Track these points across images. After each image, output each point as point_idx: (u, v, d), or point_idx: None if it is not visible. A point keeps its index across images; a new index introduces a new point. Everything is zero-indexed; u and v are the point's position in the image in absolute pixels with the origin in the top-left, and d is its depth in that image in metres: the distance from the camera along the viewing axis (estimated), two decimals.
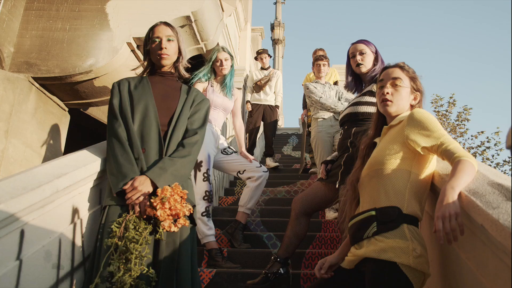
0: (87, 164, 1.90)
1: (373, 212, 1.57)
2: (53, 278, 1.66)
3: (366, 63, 2.62)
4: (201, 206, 3.20)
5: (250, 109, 6.35)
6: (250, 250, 3.40)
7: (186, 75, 2.33)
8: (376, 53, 2.65)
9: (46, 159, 4.11)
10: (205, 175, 3.24)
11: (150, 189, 1.86)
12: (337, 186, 2.53)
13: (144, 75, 2.27)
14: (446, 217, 1.31)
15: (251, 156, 3.57)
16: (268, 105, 6.39)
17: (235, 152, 3.57)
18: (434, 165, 1.70)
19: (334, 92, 4.57)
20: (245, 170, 3.48)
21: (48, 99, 4.19)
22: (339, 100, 4.49)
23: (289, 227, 2.70)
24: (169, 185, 1.81)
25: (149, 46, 2.22)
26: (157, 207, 1.74)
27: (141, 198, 1.82)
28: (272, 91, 6.42)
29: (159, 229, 1.81)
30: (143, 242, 1.73)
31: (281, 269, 2.66)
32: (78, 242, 1.87)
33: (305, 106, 6.06)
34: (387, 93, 1.80)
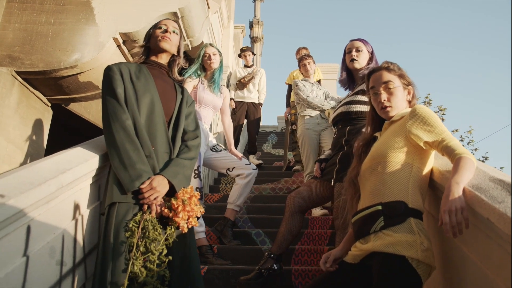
0: (88, 159, 1.88)
1: (379, 207, 1.61)
2: (56, 275, 1.64)
3: (361, 60, 2.67)
4: None
5: (233, 106, 6.35)
6: (240, 246, 3.42)
7: (179, 78, 2.32)
8: (372, 54, 2.70)
9: (28, 155, 4.02)
10: (196, 172, 3.24)
11: (167, 190, 1.86)
12: (332, 183, 2.57)
13: (139, 63, 2.22)
14: (452, 211, 1.36)
15: (240, 154, 3.60)
16: (252, 102, 6.42)
17: (225, 149, 3.58)
18: (433, 160, 1.75)
19: (321, 92, 4.63)
20: (234, 167, 3.50)
21: (31, 94, 4.09)
22: (326, 99, 4.56)
23: (283, 224, 2.73)
24: (184, 187, 1.83)
25: (152, 31, 2.23)
26: (179, 209, 1.74)
27: (159, 199, 1.82)
28: (256, 88, 6.45)
29: (172, 229, 1.81)
30: (163, 243, 1.74)
31: (274, 265, 2.69)
32: (80, 238, 1.84)
33: (288, 104, 6.11)
34: (384, 99, 1.84)
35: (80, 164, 1.80)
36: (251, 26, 14.14)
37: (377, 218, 1.60)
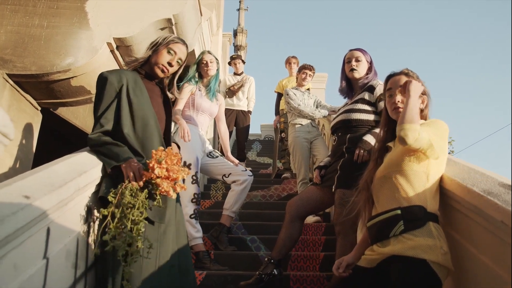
0: (100, 162, 1.88)
1: (398, 211, 1.66)
2: (71, 278, 1.63)
3: (360, 70, 2.75)
4: (190, 208, 3.20)
5: None
6: (236, 252, 3.43)
7: (171, 95, 2.37)
8: (371, 63, 2.78)
9: (18, 158, 3.95)
10: (194, 177, 3.24)
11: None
12: (333, 190, 2.62)
13: (135, 70, 2.25)
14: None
15: (236, 160, 3.61)
16: (241, 110, 6.44)
17: (221, 155, 3.60)
18: (444, 168, 1.81)
19: (312, 101, 4.70)
20: (230, 173, 3.51)
21: (22, 97, 4.03)
22: (317, 108, 4.63)
23: (283, 229, 2.76)
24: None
25: (160, 47, 2.21)
26: (154, 167, 1.72)
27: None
28: (245, 96, 6.48)
29: (157, 196, 1.80)
30: (140, 206, 1.71)
31: (274, 270, 2.71)
32: (91, 242, 1.83)
33: (277, 112, 6.16)
34: (398, 101, 1.90)
35: (95, 166, 1.80)
36: (235, 34, 14.25)
37: (397, 222, 1.64)
